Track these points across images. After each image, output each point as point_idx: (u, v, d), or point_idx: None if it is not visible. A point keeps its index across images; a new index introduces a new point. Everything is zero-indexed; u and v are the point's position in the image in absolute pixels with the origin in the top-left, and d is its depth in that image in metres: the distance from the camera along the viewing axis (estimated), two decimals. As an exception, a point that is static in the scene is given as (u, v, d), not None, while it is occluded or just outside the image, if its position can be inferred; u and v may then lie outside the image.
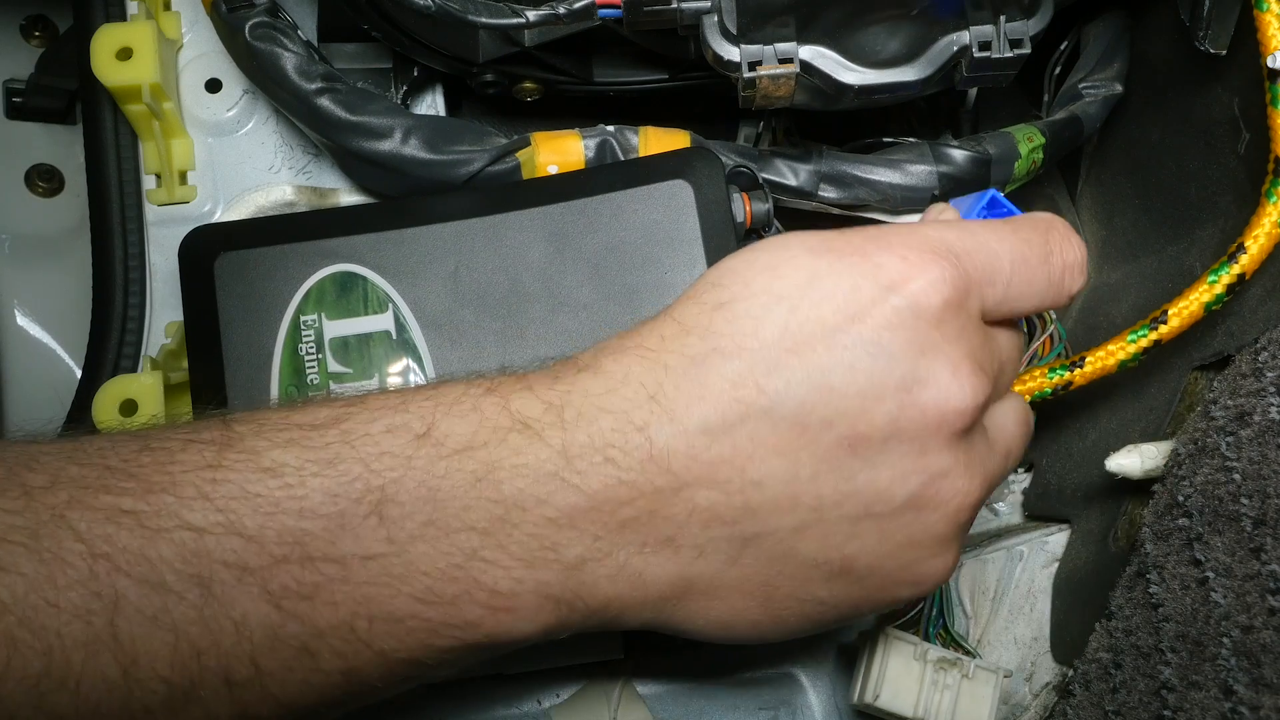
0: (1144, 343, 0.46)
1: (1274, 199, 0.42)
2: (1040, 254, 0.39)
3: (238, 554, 0.31)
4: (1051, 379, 0.48)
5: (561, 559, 0.34)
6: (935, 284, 0.35)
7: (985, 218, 0.46)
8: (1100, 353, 0.47)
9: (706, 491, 0.34)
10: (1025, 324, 0.53)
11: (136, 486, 0.31)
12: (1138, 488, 0.47)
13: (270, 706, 0.33)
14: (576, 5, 0.43)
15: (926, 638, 0.49)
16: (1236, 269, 0.43)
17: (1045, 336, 0.52)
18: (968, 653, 0.49)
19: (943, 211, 0.43)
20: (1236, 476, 0.41)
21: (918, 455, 0.35)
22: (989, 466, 0.38)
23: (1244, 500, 0.40)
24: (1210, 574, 0.41)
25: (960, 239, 0.37)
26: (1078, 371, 0.48)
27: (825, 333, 0.34)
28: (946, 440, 0.35)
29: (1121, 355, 0.47)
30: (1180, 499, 0.43)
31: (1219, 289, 0.43)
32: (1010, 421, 0.40)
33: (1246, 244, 0.43)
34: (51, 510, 0.31)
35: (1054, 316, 0.53)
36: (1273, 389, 0.40)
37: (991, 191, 0.47)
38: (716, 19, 0.43)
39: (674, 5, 0.43)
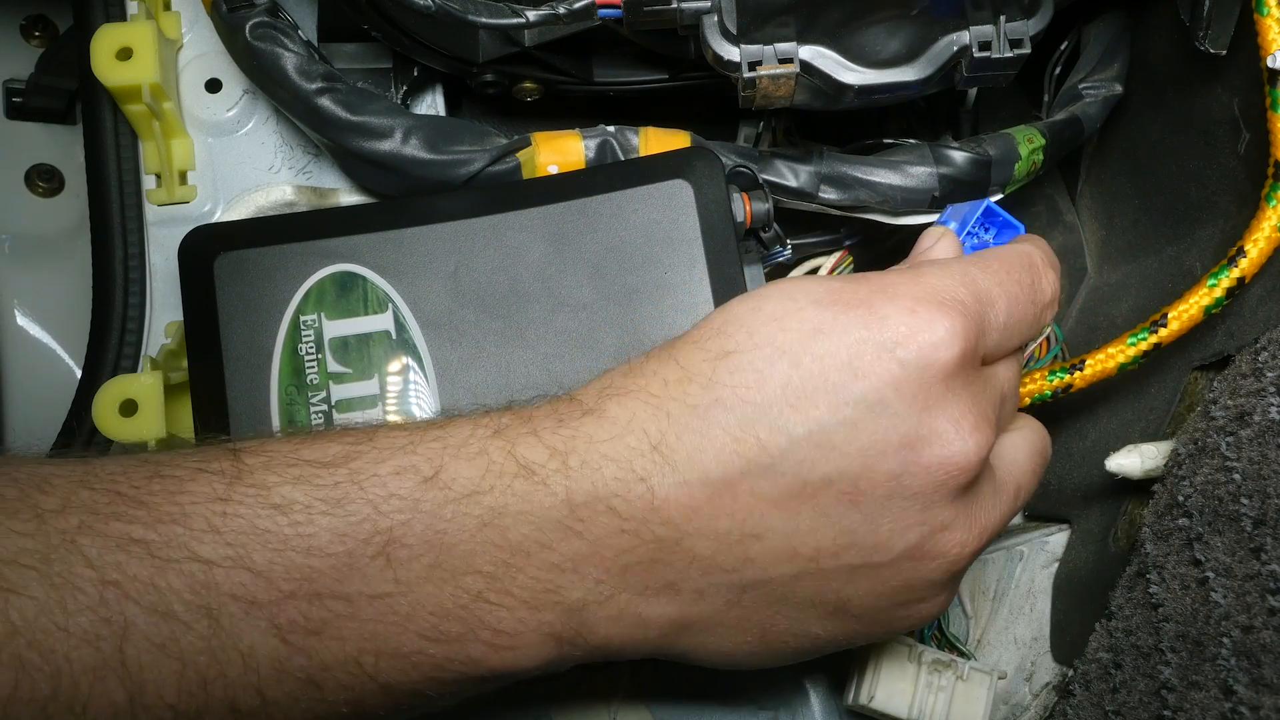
0: (1144, 346, 0.46)
1: (1274, 203, 0.42)
2: (1029, 292, 0.39)
3: (246, 588, 0.32)
4: (1052, 381, 0.49)
5: (564, 601, 0.35)
6: (942, 340, 0.35)
7: (982, 227, 0.46)
8: (1100, 355, 0.47)
9: (706, 542, 0.35)
10: None
11: (147, 515, 0.32)
12: (1138, 488, 0.47)
13: None
14: (576, 5, 0.43)
15: (921, 639, 0.49)
16: (1236, 272, 0.43)
17: (1042, 338, 0.52)
18: (962, 654, 0.50)
19: (939, 239, 0.43)
20: (1236, 476, 0.41)
21: (920, 510, 0.35)
22: (992, 515, 0.38)
23: (1244, 500, 0.40)
24: (1210, 574, 0.41)
25: (963, 287, 0.37)
26: (1078, 374, 0.48)
27: (828, 389, 0.34)
28: (949, 495, 0.35)
29: (1121, 358, 0.47)
30: (1180, 499, 0.43)
31: (1218, 293, 0.44)
32: (1021, 455, 0.40)
33: (1246, 248, 0.43)
34: (63, 535, 0.31)
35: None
36: (1273, 389, 0.40)
37: (986, 202, 0.47)
38: (716, 19, 0.43)
39: (674, 5, 0.43)
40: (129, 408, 0.45)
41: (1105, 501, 0.51)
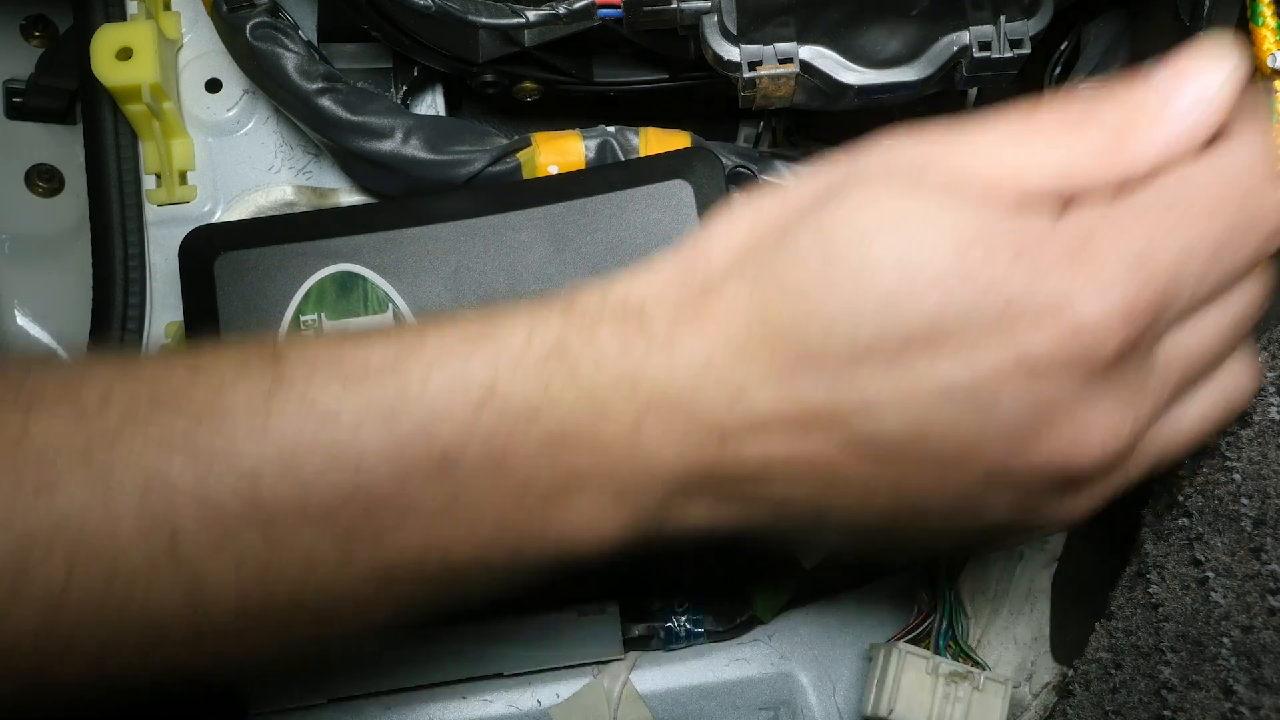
0: None
1: None
2: (1242, 223, 0.31)
3: (296, 498, 0.31)
4: None
5: (638, 505, 0.33)
6: (1105, 324, 0.29)
7: None
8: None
9: (782, 485, 0.33)
10: None
11: (188, 419, 0.31)
12: (1138, 488, 0.47)
13: (345, 624, 0.34)
14: (576, 5, 0.43)
15: (937, 650, 0.50)
16: None
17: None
18: (977, 664, 0.50)
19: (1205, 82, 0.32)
20: (1236, 476, 0.41)
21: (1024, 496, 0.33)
22: (1108, 487, 0.34)
23: (1244, 500, 0.40)
24: (1210, 574, 0.41)
25: (1155, 250, 0.30)
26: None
27: (936, 373, 0.30)
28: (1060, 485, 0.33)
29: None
30: (1180, 499, 0.43)
31: None
32: (1181, 431, 0.35)
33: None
34: (103, 433, 0.30)
35: None
36: (1273, 389, 0.40)
37: None
38: (716, 19, 0.43)
39: (674, 5, 0.43)
40: (129, 408, 0.45)
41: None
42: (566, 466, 0.32)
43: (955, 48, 0.44)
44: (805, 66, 0.43)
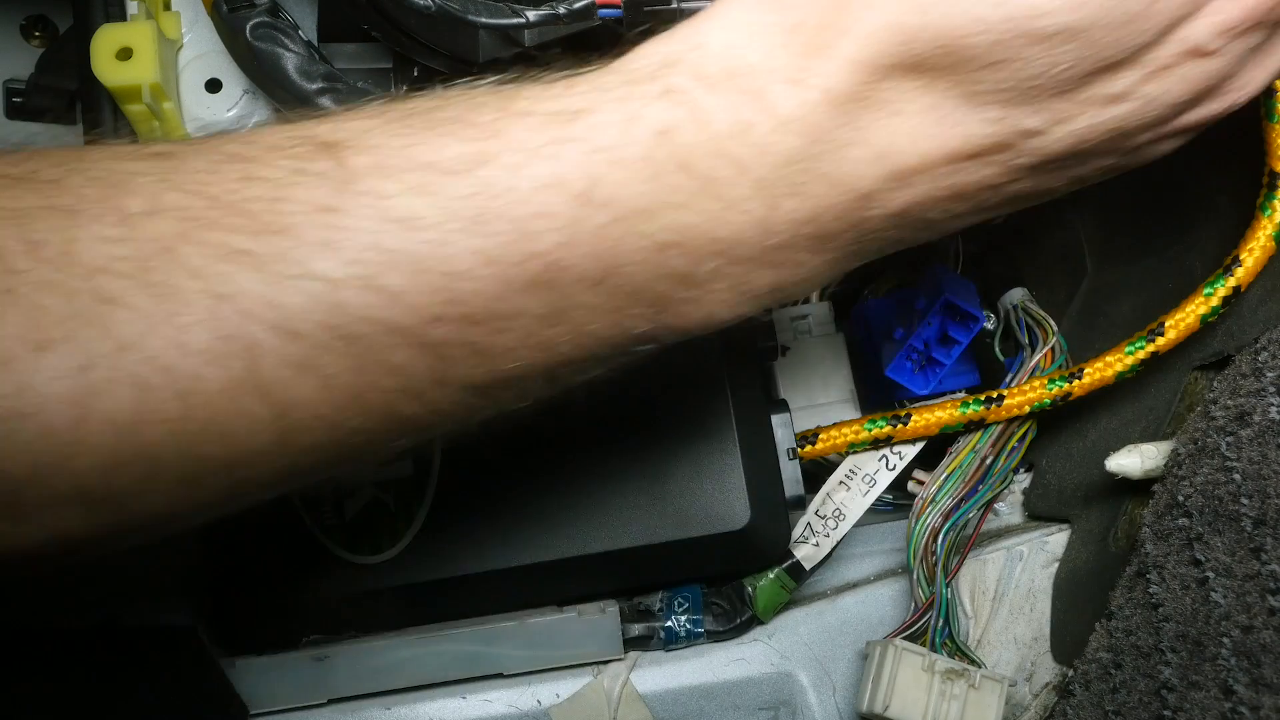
0: (1141, 355, 0.46)
1: (1269, 212, 0.42)
2: None
3: (384, 310, 0.28)
4: (1050, 390, 0.49)
5: (759, 299, 0.32)
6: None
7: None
8: (1099, 364, 0.48)
9: (936, 212, 0.33)
10: (1027, 336, 0.53)
11: (248, 224, 0.28)
12: (1138, 488, 0.47)
13: (444, 429, 0.32)
14: (576, 5, 0.43)
15: (933, 648, 0.50)
16: (1232, 281, 0.43)
17: (1047, 349, 0.52)
18: (973, 662, 0.50)
19: None
20: (1236, 476, 0.41)
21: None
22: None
23: (1244, 500, 0.40)
24: (1210, 574, 0.41)
25: None
26: (1076, 383, 0.49)
27: (1111, 89, 0.32)
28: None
29: (1119, 367, 0.47)
30: (1180, 499, 0.43)
31: (1215, 301, 0.44)
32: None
33: (1242, 257, 0.43)
34: (156, 241, 0.27)
35: (1055, 329, 0.53)
36: (1273, 389, 0.40)
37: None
38: (717, 19, 0.43)
39: (674, 5, 0.43)
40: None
41: (1105, 501, 0.51)
42: (685, 270, 0.30)
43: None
44: (805, 66, 0.43)
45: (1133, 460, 0.46)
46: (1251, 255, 0.43)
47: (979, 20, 0.30)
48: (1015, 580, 0.53)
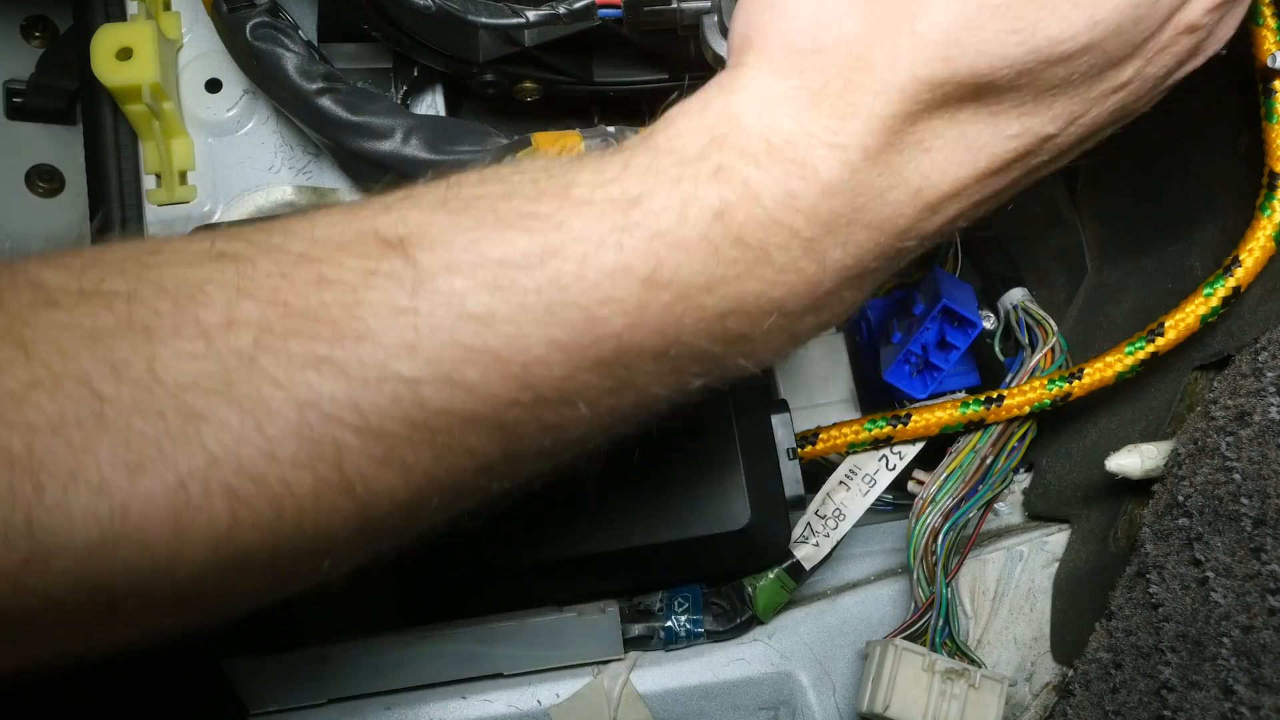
0: (1141, 355, 0.46)
1: (1268, 212, 0.42)
2: None
3: (462, 402, 0.29)
4: (1051, 390, 0.49)
5: (810, 337, 0.35)
6: None
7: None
8: (1099, 364, 0.48)
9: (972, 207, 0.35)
10: (1027, 336, 0.53)
11: (329, 332, 0.29)
12: (1138, 488, 0.47)
13: (516, 487, 0.33)
14: (576, 5, 0.43)
15: (933, 647, 0.49)
16: (1232, 281, 0.43)
17: (1047, 349, 0.52)
18: (973, 662, 0.50)
19: None
20: (1236, 476, 0.41)
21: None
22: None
23: (1244, 500, 0.40)
24: (1210, 574, 0.41)
25: None
26: (1076, 383, 0.49)
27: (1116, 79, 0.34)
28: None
29: (1119, 367, 0.47)
30: (1180, 499, 0.43)
31: (1214, 302, 0.44)
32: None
33: (1241, 257, 0.43)
34: (238, 355, 0.28)
35: (1055, 329, 0.53)
36: (1273, 389, 0.40)
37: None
38: (716, 19, 0.43)
39: (674, 5, 0.43)
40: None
41: (1105, 501, 0.51)
42: (743, 331, 0.32)
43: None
44: (805, 66, 0.43)
45: (1133, 460, 0.46)
46: (1251, 255, 0.43)
47: (1004, 59, 0.31)
48: (1015, 580, 0.53)
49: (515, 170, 0.32)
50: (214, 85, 0.51)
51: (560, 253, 0.30)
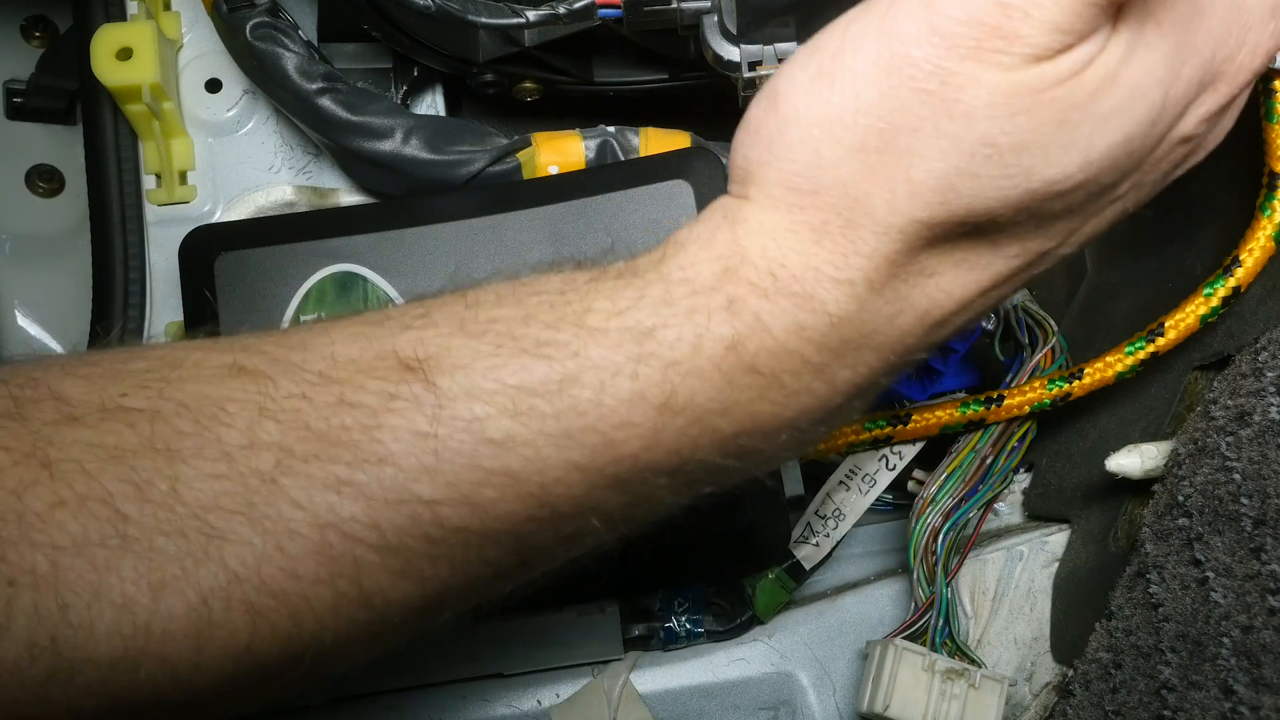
0: (1141, 355, 0.46)
1: (1268, 212, 0.42)
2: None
3: (480, 520, 0.30)
4: (1050, 390, 0.49)
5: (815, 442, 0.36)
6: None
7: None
8: (1099, 364, 0.48)
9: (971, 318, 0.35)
10: (1027, 336, 0.53)
11: (350, 456, 0.29)
12: (1138, 488, 0.47)
13: (525, 583, 0.35)
14: (576, 5, 0.43)
15: (933, 647, 0.49)
16: (1232, 282, 0.43)
17: (1047, 349, 0.52)
18: (973, 661, 0.50)
19: None
20: (1236, 476, 0.41)
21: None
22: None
23: (1244, 500, 0.40)
24: (1210, 574, 0.41)
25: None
26: (1076, 384, 0.49)
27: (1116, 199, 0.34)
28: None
29: (1119, 367, 0.47)
30: (1180, 499, 0.43)
31: (1214, 302, 0.44)
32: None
33: (1242, 257, 0.43)
34: (260, 476, 0.29)
35: (1055, 329, 0.53)
36: (1273, 389, 0.40)
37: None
38: (716, 19, 0.43)
39: (674, 5, 0.43)
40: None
41: (1105, 501, 0.51)
42: (756, 447, 0.33)
43: (955, 48, 0.44)
44: (805, 66, 0.43)
45: (1133, 460, 0.46)
46: (1251, 255, 0.43)
47: (1001, 201, 0.31)
48: (1015, 580, 0.53)
49: (532, 292, 0.33)
50: (214, 85, 0.51)
51: (578, 380, 0.31)
